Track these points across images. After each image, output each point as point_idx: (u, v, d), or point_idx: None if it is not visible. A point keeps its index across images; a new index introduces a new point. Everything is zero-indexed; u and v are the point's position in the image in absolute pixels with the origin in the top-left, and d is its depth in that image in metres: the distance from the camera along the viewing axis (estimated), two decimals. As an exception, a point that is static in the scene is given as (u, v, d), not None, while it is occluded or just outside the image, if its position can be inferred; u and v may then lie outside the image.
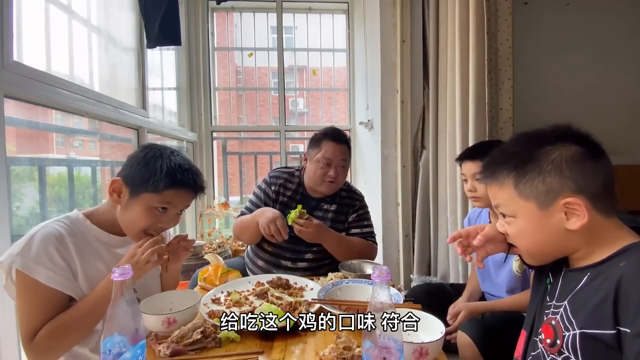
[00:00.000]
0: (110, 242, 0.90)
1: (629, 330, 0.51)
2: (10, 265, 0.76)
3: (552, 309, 0.65)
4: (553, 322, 0.62)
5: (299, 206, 1.27)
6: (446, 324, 1.21)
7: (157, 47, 1.99)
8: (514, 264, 1.20)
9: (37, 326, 0.76)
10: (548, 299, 0.68)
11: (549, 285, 0.71)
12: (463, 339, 1.11)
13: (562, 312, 0.61)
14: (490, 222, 1.32)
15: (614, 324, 0.53)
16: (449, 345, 1.14)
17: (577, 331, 0.57)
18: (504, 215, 0.68)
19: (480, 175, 0.71)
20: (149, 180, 0.83)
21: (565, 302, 0.61)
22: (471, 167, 1.24)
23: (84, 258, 0.83)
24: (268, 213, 1.28)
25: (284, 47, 2.90)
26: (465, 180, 1.29)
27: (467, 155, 1.29)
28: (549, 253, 0.66)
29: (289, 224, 1.26)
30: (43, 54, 1.32)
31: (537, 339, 0.66)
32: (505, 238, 0.71)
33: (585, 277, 0.60)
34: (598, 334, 0.54)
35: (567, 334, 0.59)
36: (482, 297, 1.39)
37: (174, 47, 2.42)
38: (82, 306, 0.79)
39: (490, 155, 0.70)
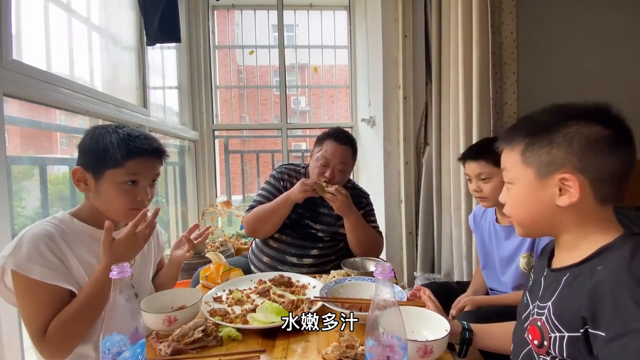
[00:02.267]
0: (100, 237, 0.88)
1: (604, 334, 0.51)
2: (2, 267, 0.75)
3: (536, 309, 0.65)
4: (539, 324, 0.62)
5: (321, 184, 1.31)
6: None
7: (158, 45, 1.99)
8: (521, 260, 1.18)
9: (44, 323, 0.76)
10: (531, 298, 0.68)
11: (530, 281, 0.73)
12: None
13: (546, 314, 0.61)
14: (496, 219, 1.30)
15: (589, 326, 0.53)
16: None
17: (565, 334, 0.57)
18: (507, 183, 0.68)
19: (499, 141, 0.70)
20: (105, 155, 0.82)
21: (549, 303, 0.61)
22: (475, 168, 1.21)
23: (76, 254, 0.82)
24: (296, 185, 1.34)
25: (285, 44, 2.89)
26: (470, 180, 1.26)
27: (470, 155, 1.25)
28: (539, 227, 0.66)
29: (321, 194, 1.32)
30: (43, 53, 1.31)
31: (526, 337, 0.66)
32: None
33: (565, 278, 0.60)
34: (580, 336, 0.55)
35: (552, 335, 0.59)
36: (487, 294, 1.37)
37: (174, 45, 2.43)
38: (84, 294, 0.79)
39: (517, 120, 0.70)
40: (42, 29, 1.32)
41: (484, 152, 1.23)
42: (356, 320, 0.78)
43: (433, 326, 0.78)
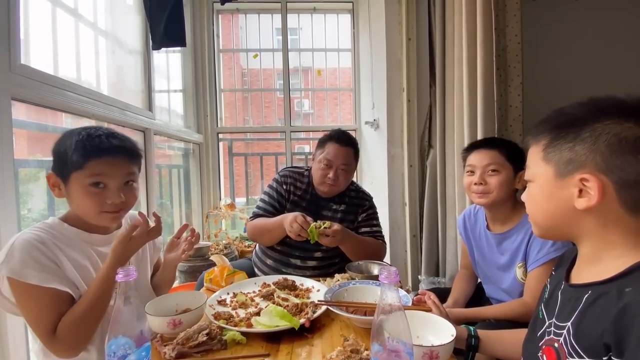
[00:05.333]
0: (92, 240, 0.89)
1: None
2: None
3: (553, 328, 0.59)
4: (556, 345, 0.57)
5: (312, 226, 1.20)
6: None
7: (163, 49, 2.00)
8: (518, 271, 1.14)
9: (51, 325, 0.76)
10: (547, 314, 0.63)
11: (546, 293, 0.67)
12: None
13: (565, 335, 0.55)
14: (487, 226, 1.24)
15: (613, 354, 0.48)
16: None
17: None
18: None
19: (527, 136, 0.66)
20: (67, 159, 0.80)
21: (568, 323, 0.56)
22: (485, 157, 1.13)
23: (68, 257, 0.82)
24: (289, 216, 1.26)
25: (289, 47, 2.90)
26: (472, 172, 1.17)
27: (484, 143, 1.18)
28: (555, 229, 0.61)
29: (313, 242, 1.22)
30: (50, 57, 1.33)
31: (540, 357, 0.61)
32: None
33: (586, 297, 0.55)
34: None
35: None
36: (473, 301, 1.31)
37: (179, 49, 2.45)
38: (92, 291, 0.80)
39: (548, 113, 0.63)
40: (50, 33, 1.34)
41: (499, 143, 1.17)
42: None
43: (439, 331, 0.78)
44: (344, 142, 1.39)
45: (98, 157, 0.81)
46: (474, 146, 1.21)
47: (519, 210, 1.16)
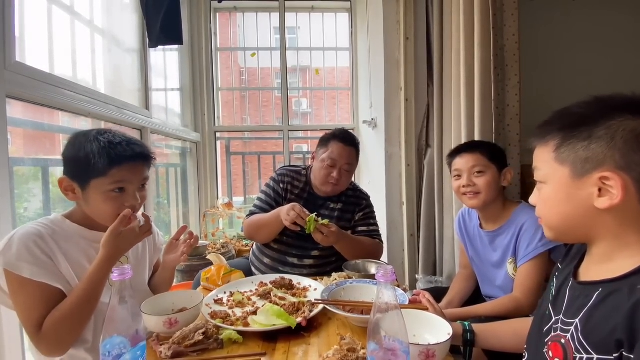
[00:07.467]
0: (93, 238, 0.89)
1: (633, 357, 0.47)
2: None
3: (560, 325, 0.59)
4: (563, 341, 0.57)
5: (312, 216, 1.21)
6: None
7: (160, 48, 1.99)
8: (509, 267, 1.17)
9: (38, 319, 0.76)
10: (554, 310, 0.63)
11: (552, 290, 0.67)
12: None
13: (572, 332, 0.55)
14: (480, 224, 1.27)
15: (625, 350, 0.48)
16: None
17: (594, 356, 0.51)
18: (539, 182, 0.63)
19: (531, 138, 0.64)
20: (88, 166, 0.81)
21: (577, 320, 0.55)
22: (469, 160, 1.18)
23: (66, 255, 0.82)
24: (285, 206, 1.27)
25: (287, 46, 2.90)
26: (458, 176, 1.21)
27: (466, 148, 1.23)
28: (572, 231, 0.60)
29: (308, 232, 1.22)
30: (46, 55, 1.32)
31: (545, 354, 0.60)
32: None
33: (597, 294, 0.54)
34: (612, 359, 0.50)
35: (578, 356, 0.53)
36: (469, 302, 1.31)
37: (176, 47, 2.44)
38: (81, 289, 0.79)
39: (552, 114, 0.62)
40: (46, 31, 1.33)
41: (479, 145, 1.24)
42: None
43: (435, 329, 0.78)
44: (348, 142, 1.40)
45: (120, 164, 0.83)
46: (456, 151, 1.25)
47: (508, 207, 1.21)
